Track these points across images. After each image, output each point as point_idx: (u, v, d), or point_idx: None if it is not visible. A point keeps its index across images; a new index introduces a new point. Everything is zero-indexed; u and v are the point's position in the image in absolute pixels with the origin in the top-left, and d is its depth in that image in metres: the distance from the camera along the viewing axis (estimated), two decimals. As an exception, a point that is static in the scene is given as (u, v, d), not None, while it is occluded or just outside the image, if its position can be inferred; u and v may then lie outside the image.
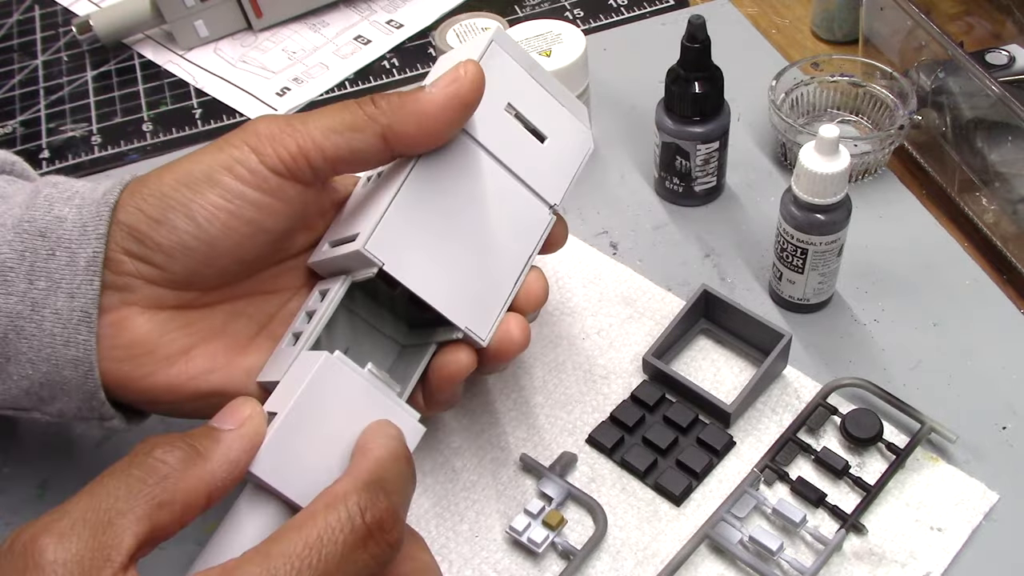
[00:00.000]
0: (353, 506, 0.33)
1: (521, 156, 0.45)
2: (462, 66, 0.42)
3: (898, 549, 0.47)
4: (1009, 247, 0.59)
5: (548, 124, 0.46)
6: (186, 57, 0.80)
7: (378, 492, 0.34)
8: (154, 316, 0.43)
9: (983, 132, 0.60)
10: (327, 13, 0.83)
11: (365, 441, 0.37)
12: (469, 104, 0.42)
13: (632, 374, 0.55)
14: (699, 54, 0.58)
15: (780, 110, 0.63)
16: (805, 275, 0.55)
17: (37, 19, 0.86)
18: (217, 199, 0.42)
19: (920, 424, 0.51)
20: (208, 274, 0.44)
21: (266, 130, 0.42)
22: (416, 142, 0.43)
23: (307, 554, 0.31)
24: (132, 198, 0.43)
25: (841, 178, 0.51)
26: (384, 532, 0.33)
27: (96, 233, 0.42)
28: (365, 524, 0.33)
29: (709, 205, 0.64)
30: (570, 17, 0.81)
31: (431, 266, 0.43)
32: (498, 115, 0.45)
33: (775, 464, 0.50)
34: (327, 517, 0.32)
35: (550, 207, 0.47)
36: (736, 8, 0.79)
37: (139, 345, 0.43)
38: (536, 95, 0.46)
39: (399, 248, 0.42)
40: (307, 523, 0.32)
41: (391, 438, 0.37)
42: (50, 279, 0.42)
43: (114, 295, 0.43)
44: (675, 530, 0.49)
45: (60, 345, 0.42)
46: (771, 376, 0.54)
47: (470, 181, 0.44)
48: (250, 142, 0.42)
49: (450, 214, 0.44)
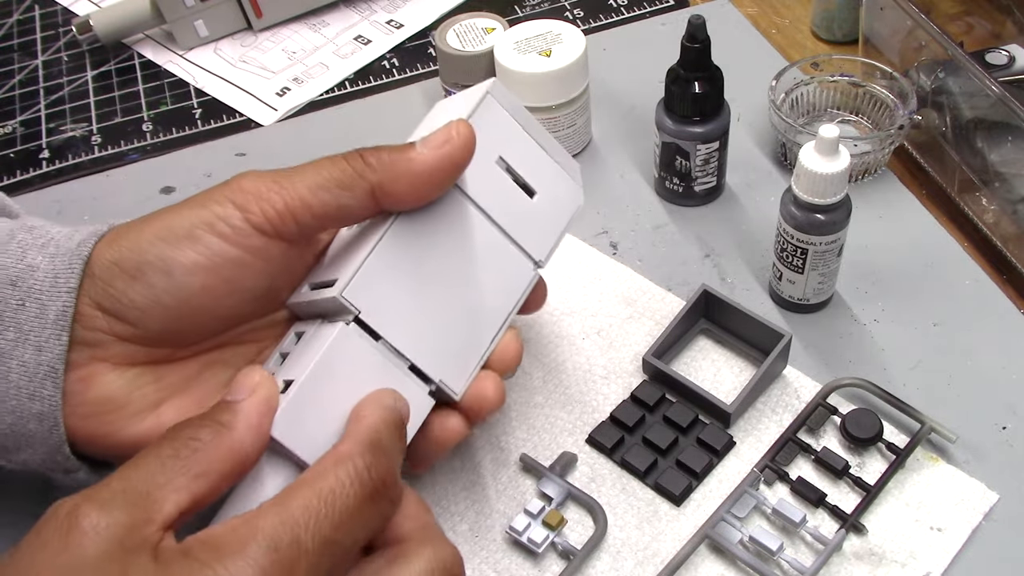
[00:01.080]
0: (360, 463, 0.34)
1: (509, 210, 0.45)
2: (454, 127, 0.42)
3: (898, 549, 0.47)
4: (1009, 247, 0.59)
5: (539, 179, 0.46)
6: (186, 57, 0.80)
7: (378, 452, 0.35)
8: (124, 373, 0.43)
9: (983, 132, 0.60)
10: (327, 13, 0.83)
11: (360, 408, 0.38)
12: (460, 166, 0.42)
13: (632, 374, 0.55)
14: (699, 54, 0.58)
15: (780, 110, 0.63)
16: (805, 275, 0.55)
17: (37, 19, 0.86)
18: (197, 256, 0.41)
19: (920, 424, 0.51)
20: (183, 331, 0.43)
21: (251, 187, 0.41)
22: (405, 201, 0.42)
23: (321, 506, 0.33)
24: (108, 250, 0.42)
25: (841, 178, 0.51)
26: (388, 489, 0.35)
27: (67, 287, 0.41)
28: (372, 480, 0.34)
29: (709, 205, 0.64)
30: (570, 17, 0.81)
31: (409, 317, 0.42)
32: (488, 168, 0.44)
33: (775, 464, 0.50)
34: (337, 473, 0.34)
35: (535, 263, 0.46)
36: (736, 8, 0.79)
37: (108, 402, 0.42)
38: (528, 149, 0.46)
39: (377, 297, 0.41)
40: (319, 478, 0.34)
41: (385, 408, 0.38)
42: (19, 330, 0.41)
43: (84, 350, 0.42)
44: (675, 530, 0.49)
45: (25, 398, 0.41)
46: (771, 376, 0.54)
47: (455, 233, 0.44)
48: (235, 199, 0.41)
49: (432, 265, 0.43)
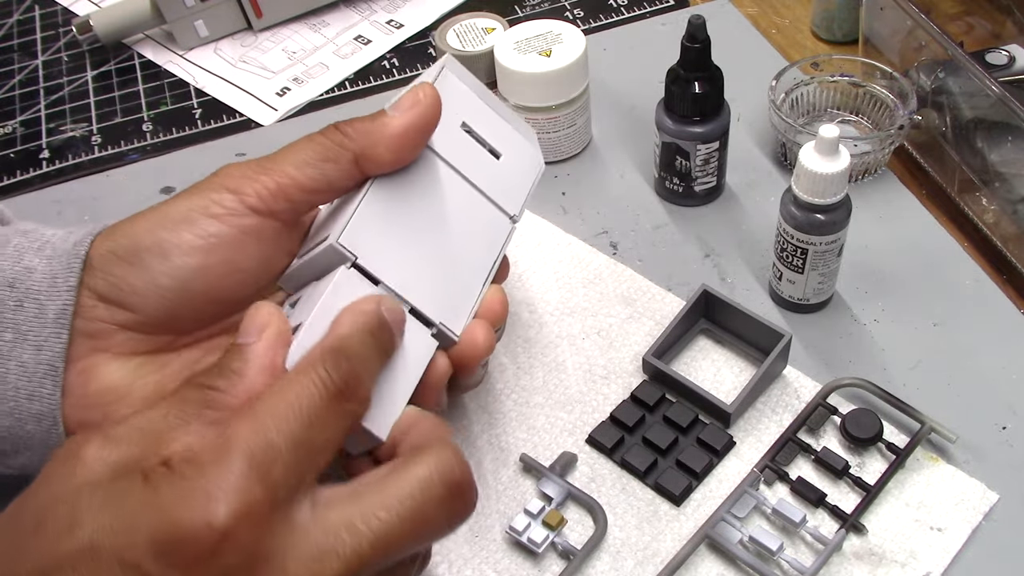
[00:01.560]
0: (321, 368, 0.35)
1: (479, 169, 0.47)
2: (419, 89, 0.44)
3: (898, 549, 0.47)
4: (1009, 247, 0.59)
5: (501, 143, 0.48)
6: (186, 57, 0.80)
7: (342, 356, 0.35)
8: (126, 362, 0.43)
9: (983, 132, 0.60)
10: (327, 13, 0.83)
11: (339, 316, 0.38)
12: (431, 122, 0.44)
13: (632, 374, 0.55)
14: (699, 54, 0.58)
15: (780, 110, 0.63)
16: (805, 275, 0.55)
17: (37, 19, 0.86)
18: (192, 238, 0.42)
19: (920, 424, 0.51)
20: (183, 315, 0.43)
21: (239, 173, 0.43)
22: (386, 163, 0.43)
23: (288, 410, 0.33)
24: (105, 242, 0.43)
25: (841, 178, 0.51)
26: (352, 390, 0.35)
27: (66, 285, 0.42)
28: (335, 382, 0.35)
29: (709, 205, 0.64)
30: (570, 17, 0.81)
31: (403, 263, 0.44)
32: (455, 132, 0.47)
33: (775, 464, 0.50)
34: (300, 379, 0.34)
35: (510, 218, 0.48)
36: (736, 8, 0.79)
37: (109, 392, 0.43)
38: (488, 117, 0.48)
39: (371, 244, 0.43)
40: (286, 386, 0.34)
41: (360, 313, 0.38)
42: (17, 331, 0.41)
43: (85, 342, 0.42)
44: (675, 530, 0.49)
45: (24, 399, 0.42)
46: (771, 376, 0.54)
47: (433, 189, 0.45)
48: (228, 184, 0.43)
49: (417, 217, 0.45)
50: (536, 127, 0.65)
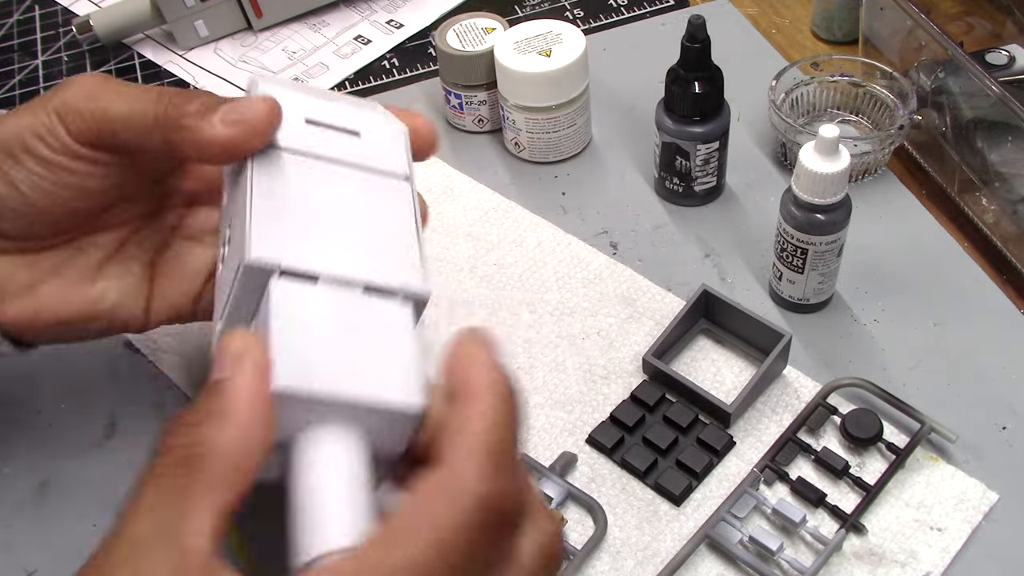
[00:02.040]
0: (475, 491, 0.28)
1: (346, 149, 0.44)
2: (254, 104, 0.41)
3: (898, 549, 0.47)
4: (1009, 247, 0.59)
5: (353, 122, 0.46)
6: (186, 57, 0.80)
7: (501, 467, 0.28)
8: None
9: (983, 132, 0.60)
10: (327, 13, 0.83)
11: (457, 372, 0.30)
12: (253, 144, 0.41)
13: (632, 374, 0.55)
14: (699, 54, 0.58)
15: (780, 110, 0.63)
16: (805, 275, 0.55)
17: (37, 19, 0.86)
18: (37, 167, 0.43)
19: (920, 424, 0.51)
20: (41, 227, 0.45)
21: (73, 97, 0.42)
22: (199, 160, 0.43)
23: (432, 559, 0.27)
24: None
25: (841, 178, 0.51)
26: (514, 517, 0.29)
27: None
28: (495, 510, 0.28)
29: (709, 205, 0.64)
30: (570, 17, 0.81)
31: (328, 249, 0.40)
32: (303, 128, 0.44)
33: (775, 464, 0.50)
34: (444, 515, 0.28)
35: (403, 178, 0.45)
36: (736, 8, 0.79)
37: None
38: (326, 106, 0.46)
39: (284, 243, 0.39)
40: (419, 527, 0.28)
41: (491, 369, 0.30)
42: None
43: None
44: (675, 530, 0.49)
45: None
46: (771, 376, 0.54)
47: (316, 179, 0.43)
48: (59, 109, 0.42)
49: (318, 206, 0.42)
50: (536, 127, 0.65)
